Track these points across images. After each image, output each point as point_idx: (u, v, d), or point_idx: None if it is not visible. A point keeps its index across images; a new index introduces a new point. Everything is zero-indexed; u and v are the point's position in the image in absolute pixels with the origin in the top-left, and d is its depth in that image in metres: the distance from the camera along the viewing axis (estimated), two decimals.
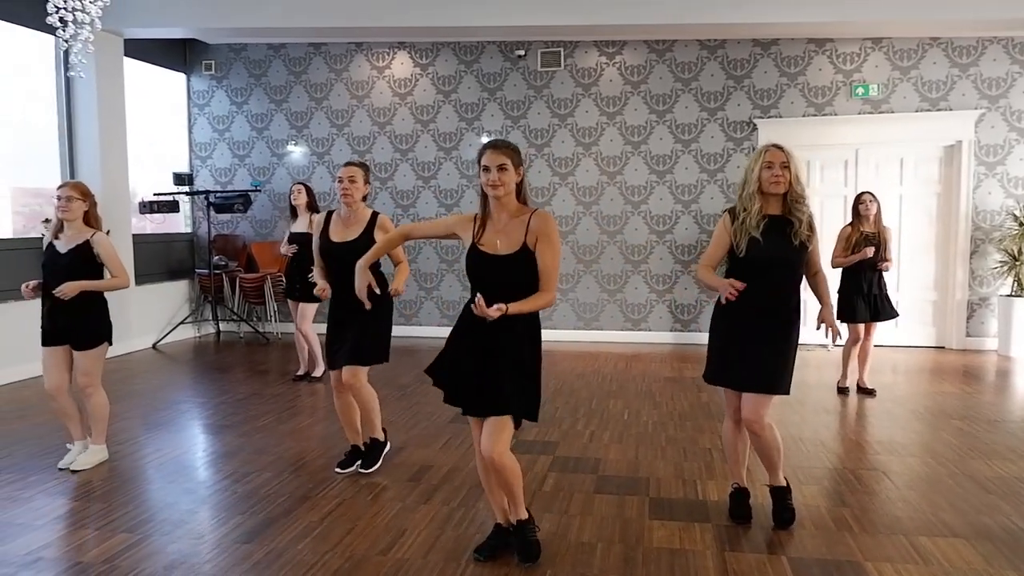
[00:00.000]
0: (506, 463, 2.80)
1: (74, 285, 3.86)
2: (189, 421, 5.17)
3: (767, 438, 3.26)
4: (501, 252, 2.77)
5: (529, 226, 2.77)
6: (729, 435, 3.43)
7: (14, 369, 6.13)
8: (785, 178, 3.11)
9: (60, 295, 3.83)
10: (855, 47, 7.47)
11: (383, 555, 3.04)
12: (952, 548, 3.07)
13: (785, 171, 3.11)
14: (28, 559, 3.01)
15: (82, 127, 7.24)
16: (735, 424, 3.38)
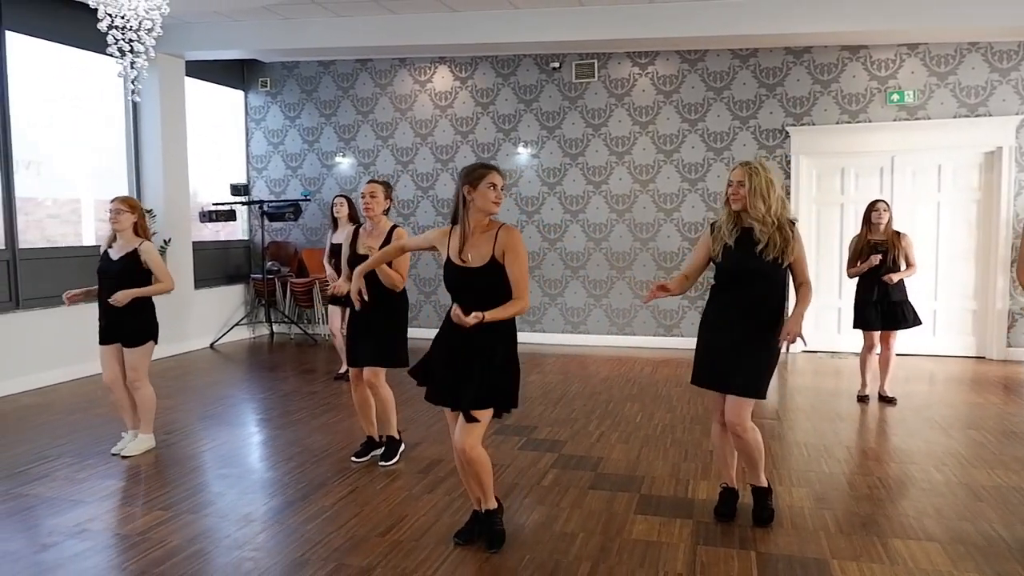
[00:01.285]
0: (474, 456, 3.03)
1: (126, 293, 4.32)
2: (233, 414, 5.61)
3: (748, 440, 3.41)
4: (473, 265, 3.02)
5: (497, 239, 3.01)
6: (716, 437, 3.60)
7: (83, 366, 6.71)
8: (740, 195, 3.26)
9: (114, 303, 4.30)
10: (890, 53, 7.42)
11: (381, 536, 3.34)
12: (923, 551, 3.16)
13: (741, 188, 3.26)
14: (75, 530, 3.44)
15: (147, 143, 7.86)
16: (721, 427, 3.53)
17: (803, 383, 6.55)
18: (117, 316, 4.39)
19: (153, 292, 4.46)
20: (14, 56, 6.51)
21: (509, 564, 3.06)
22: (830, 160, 7.65)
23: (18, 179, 6.59)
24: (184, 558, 3.14)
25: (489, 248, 3.00)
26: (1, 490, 3.94)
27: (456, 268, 3.06)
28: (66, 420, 5.35)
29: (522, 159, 8.48)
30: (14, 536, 3.37)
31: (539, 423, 5.20)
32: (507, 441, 4.76)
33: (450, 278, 3.09)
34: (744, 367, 3.32)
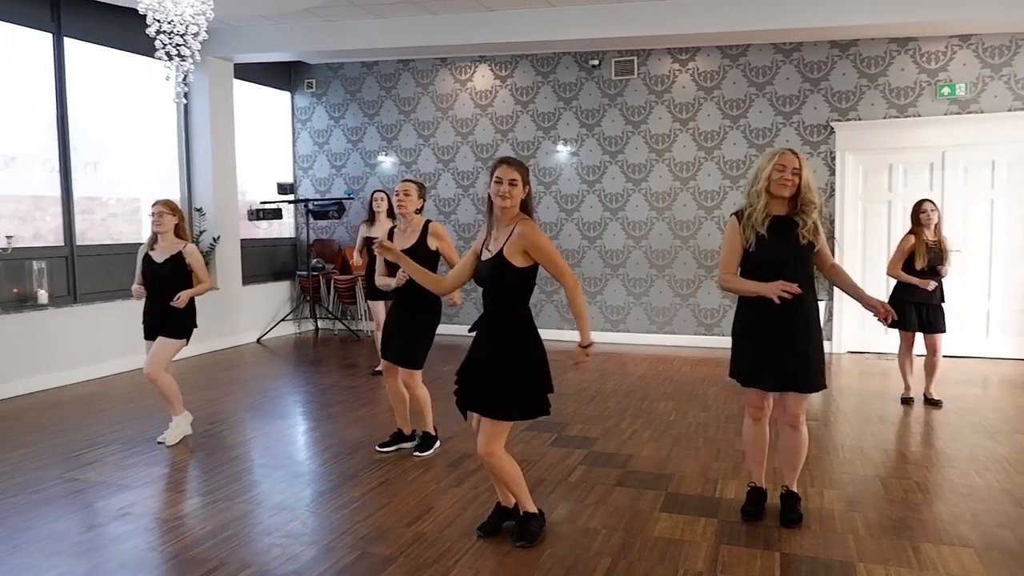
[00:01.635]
0: (495, 462, 3.07)
1: (185, 295, 4.52)
2: (274, 406, 5.77)
3: (803, 433, 3.39)
4: (489, 256, 3.08)
5: (512, 233, 3.04)
6: (750, 435, 3.54)
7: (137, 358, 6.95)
8: (794, 183, 3.22)
9: (176, 305, 4.49)
10: (940, 45, 7.18)
11: (406, 527, 3.41)
12: (955, 556, 3.08)
13: (796, 176, 3.22)
14: (119, 513, 3.60)
15: (197, 144, 8.13)
16: (756, 424, 3.49)
17: (847, 384, 6.41)
18: (160, 314, 4.57)
19: (199, 292, 4.63)
20: (74, 62, 6.82)
21: (529, 557, 3.09)
22: (877, 156, 7.45)
23: (83, 180, 6.91)
24: (217, 542, 3.27)
25: (503, 241, 3.04)
26: (55, 474, 4.14)
27: (479, 261, 3.11)
28: (119, 409, 5.58)
29: (561, 157, 8.49)
30: (63, 517, 3.55)
31: (571, 420, 5.21)
32: (538, 437, 4.79)
33: (476, 270, 3.14)
34: (804, 362, 3.26)
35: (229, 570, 3.01)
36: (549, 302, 8.63)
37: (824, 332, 7.37)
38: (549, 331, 8.55)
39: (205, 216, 8.10)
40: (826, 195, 7.60)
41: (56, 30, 6.66)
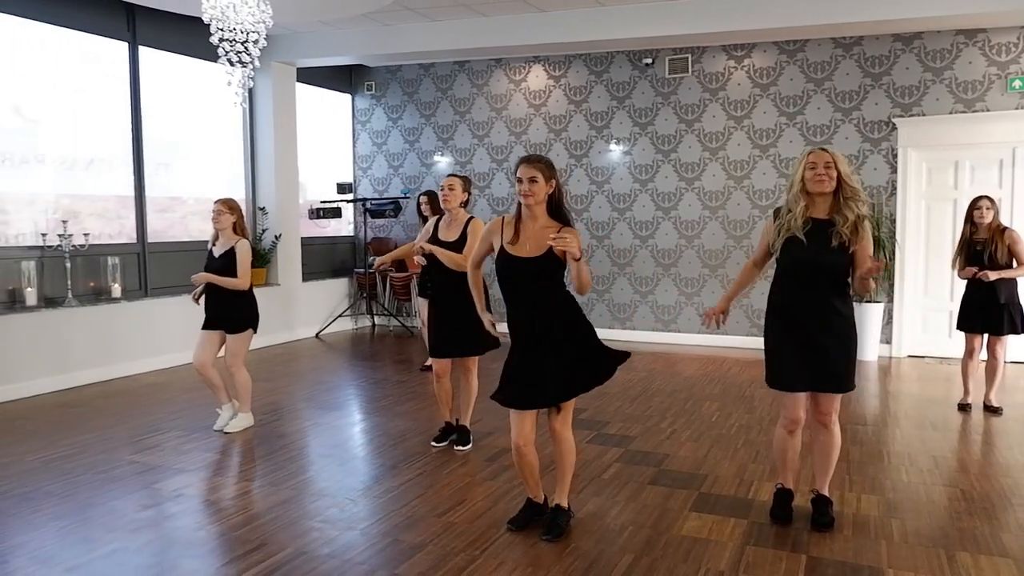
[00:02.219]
0: (571, 441, 3.33)
1: (202, 276, 4.75)
2: (327, 399, 5.99)
3: (835, 433, 3.39)
4: (529, 255, 3.13)
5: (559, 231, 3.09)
6: (781, 440, 3.50)
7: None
8: (830, 176, 3.17)
9: (194, 280, 4.75)
10: (1012, 36, 6.86)
11: (438, 517, 3.52)
12: (991, 566, 2.99)
13: (829, 170, 3.17)
14: (173, 495, 3.83)
15: (261, 146, 8.48)
16: (791, 436, 3.44)
17: (904, 388, 6.21)
18: (219, 306, 4.82)
19: (225, 284, 4.76)
20: (148, 69, 7.22)
21: (553, 551, 3.16)
22: (942, 153, 7.17)
23: (157, 180, 7.32)
24: (259, 524, 3.45)
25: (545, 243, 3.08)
26: (119, 456, 4.43)
27: (510, 257, 3.16)
28: (181, 398, 5.90)
29: (614, 156, 8.48)
30: (122, 496, 3.80)
31: (613, 418, 5.24)
32: (577, 435, 4.71)
33: (502, 266, 3.20)
34: (837, 364, 3.25)
35: (269, 550, 3.18)
36: (600, 301, 8.64)
37: (883, 335, 7.28)
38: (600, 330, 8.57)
39: (267, 215, 8.44)
40: (887, 193, 7.36)
41: (132, 39, 7.07)
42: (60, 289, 6.38)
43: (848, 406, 5.51)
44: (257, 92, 8.45)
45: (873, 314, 7.25)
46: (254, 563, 3.07)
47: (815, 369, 3.24)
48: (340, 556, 3.12)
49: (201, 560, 3.13)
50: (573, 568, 3.01)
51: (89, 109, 6.85)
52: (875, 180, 7.40)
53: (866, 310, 7.24)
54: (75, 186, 6.82)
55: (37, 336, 6.01)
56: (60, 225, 6.35)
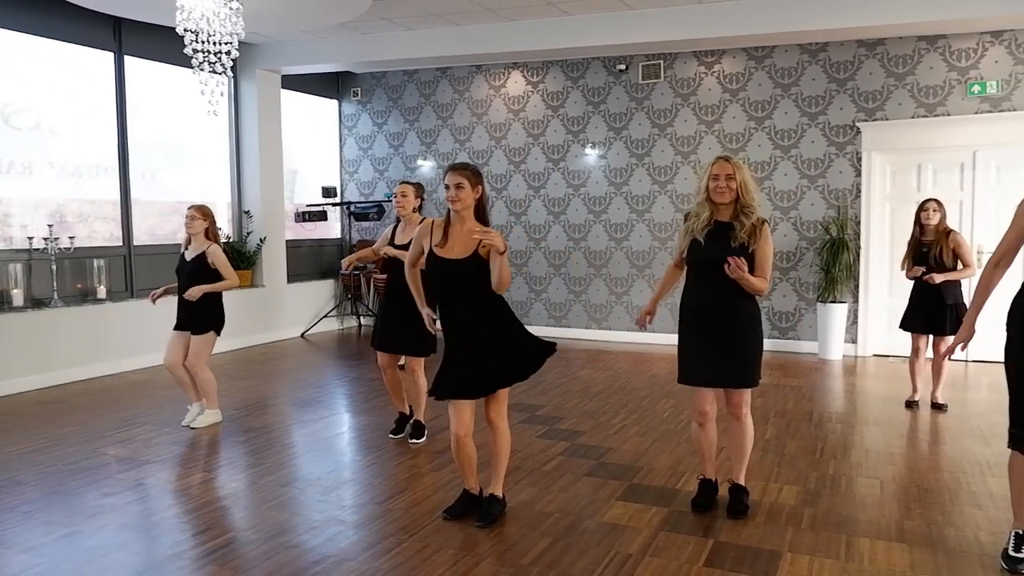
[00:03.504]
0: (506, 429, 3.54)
1: (199, 289, 4.96)
2: (297, 396, 6.21)
3: (747, 424, 3.58)
4: (457, 257, 3.34)
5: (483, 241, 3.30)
6: (695, 433, 3.70)
7: None
8: (730, 187, 3.37)
9: (188, 298, 4.96)
10: (972, 42, 7.01)
11: (378, 504, 3.74)
12: (886, 551, 3.16)
13: (730, 181, 3.37)
14: (134, 484, 4.07)
15: (246, 151, 8.73)
16: (702, 428, 3.64)
17: (861, 386, 6.37)
18: (188, 309, 5.06)
19: (221, 288, 5.07)
20: (133, 78, 7.48)
21: (477, 535, 3.36)
22: (905, 156, 7.32)
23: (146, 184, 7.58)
24: (208, 511, 3.68)
25: (474, 244, 3.30)
26: (90, 449, 4.67)
27: (439, 259, 3.37)
28: (160, 395, 6.14)
29: (590, 160, 8.67)
30: (87, 485, 4.04)
31: (568, 415, 5.43)
32: (529, 429, 5.04)
33: (432, 267, 3.41)
34: (737, 359, 3.44)
35: (213, 533, 3.41)
36: (577, 302, 8.83)
37: (848, 335, 7.43)
38: (577, 330, 8.78)
39: (252, 218, 8.69)
40: (852, 196, 7.52)
41: (118, 49, 7.33)
42: (47, 290, 6.65)
43: (798, 403, 5.68)
44: (242, 99, 8.71)
45: (838, 314, 7.41)
46: (196, 545, 3.29)
47: (718, 366, 3.43)
48: (276, 539, 3.34)
49: (149, 543, 3.35)
50: (491, 551, 3.21)
51: (77, 117, 7.11)
52: (840, 183, 7.56)
53: (831, 310, 7.41)
54: (65, 191, 7.08)
55: (23, 335, 6.27)
56: (49, 229, 6.62)
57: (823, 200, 7.64)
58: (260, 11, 6.43)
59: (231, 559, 3.16)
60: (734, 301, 3.41)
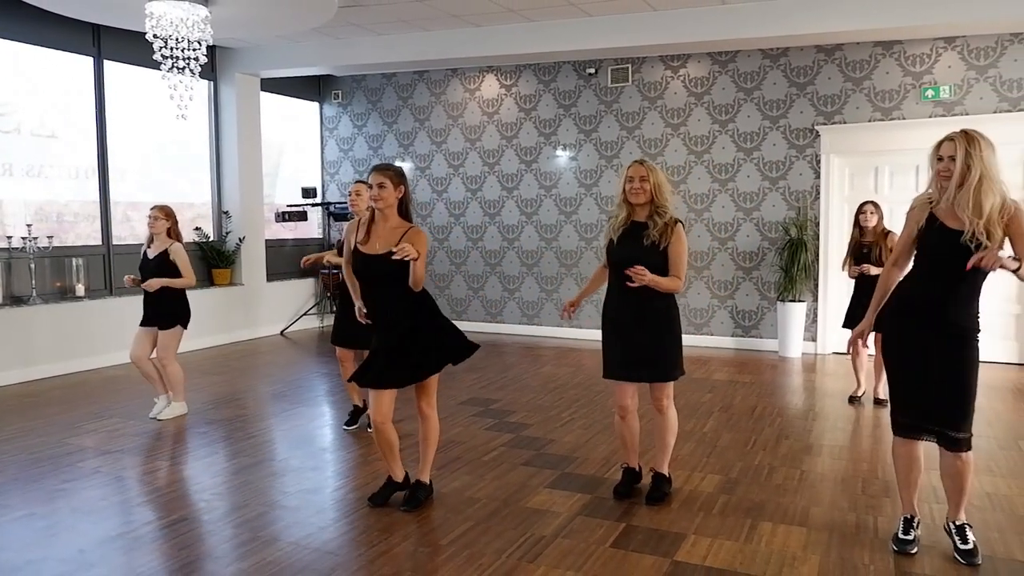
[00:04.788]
0: (435, 419, 3.68)
1: (155, 282, 5.18)
2: (266, 391, 6.42)
3: (670, 416, 3.77)
4: (378, 252, 3.54)
5: (404, 238, 3.50)
6: (616, 425, 3.90)
7: None
8: (644, 189, 3.57)
9: (146, 287, 5.18)
10: (926, 48, 7.18)
11: (318, 491, 3.95)
12: (785, 534, 3.36)
13: (644, 183, 3.57)
14: (92, 471, 4.28)
15: (226, 153, 8.95)
16: (623, 421, 3.83)
17: (812, 383, 6.56)
18: (154, 305, 5.27)
19: (177, 284, 5.26)
20: (113, 81, 7.70)
21: (403, 519, 3.56)
22: (863, 159, 7.50)
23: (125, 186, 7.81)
24: (162, 495, 3.91)
25: (395, 241, 3.48)
26: (55, 439, 4.89)
27: (362, 254, 3.56)
28: (132, 390, 6.35)
29: (561, 162, 8.87)
30: (48, 473, 4.25)
31: (520, 409, 5.63)
32: (479, 421, 5.24)
33: (356, 262, 3.60)
34: (659, 356, 3.63)
35: (160, 515, 3.62)
36: (549, 300, 9.03)
37: (808, 334, 7.61)
38: (549, 328, 8.97)
39: (231, 218, 8.91)
40: (812, 197, 7.70)
41: (97, 54, 7.56)
42: (26, 288, 6.87)
43: (745, 399, 5.87)
44: (222, 102, 8.93)
45: (797, 313, 7.59)
46: (139, 526, 3.51)
47: (634, 360, 3.62)
48: (215, 521, 3.55)
49: (97, 523, 3.56)
50: (414, 532, 3.41)
51: (58, 120, 7.34)
52: (800, 185, 7.74)
53: (790, 309, 7.59)
54: (47, 192, 7.31)
55: (1, 332, 6.50)
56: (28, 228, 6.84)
57: (784, 201, 7.82)
58: (232, 17, 6.64)
59: (172, 538, 3.37)
60: (648, 300, 3.60)
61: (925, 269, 3.10)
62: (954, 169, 2.93)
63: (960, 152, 2.91)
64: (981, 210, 2.88)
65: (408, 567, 3.08)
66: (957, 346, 3.03)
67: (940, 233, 3.00)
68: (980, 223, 2.87)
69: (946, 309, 3.00)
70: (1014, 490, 3.90)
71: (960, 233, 2.92)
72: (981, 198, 2.89)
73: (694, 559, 3.12)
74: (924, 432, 3.09)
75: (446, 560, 3.13)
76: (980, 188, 2.89)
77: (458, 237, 9.53)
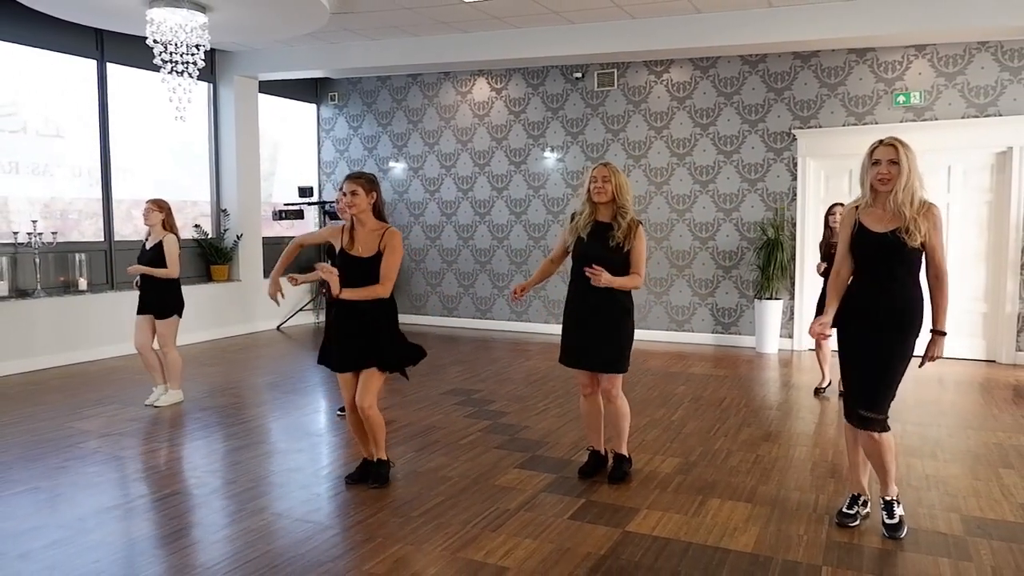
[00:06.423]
0: (372, 413, 3.80)
1: (136, 268, 5.48)
2: (265, 381, 6.70)
3: (618, 406, 4.02)
4: (363, 255, 3.81)
5: (382, 239, 3.78)
6: (583, 409, 4.16)
7: None
8: (606, 190, 3.84)
9: (129, 271, 5.48)
10: (897, 55, 7.45)
11: (304, 470, 4.23)
12: (731, 509, 3.63)
13: (607, 183, 3.84)
14: (91, 452, 4.56)
15: (224, 153, 9.24)
16: (586, 399, 4.11)
17: (783, 377, 6.83)
18: (150, 294, 5.56)
19: (157, 274, 5.48)
20: (115, 83, 7.99)
21: (381, 494, 3.84)
22: (837, 161, 7.77)
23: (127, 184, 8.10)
24: (155, 472, 4.19)
25: (375, 244, 3.76)
26: (58, 423, 5.17)
27: (348, 257, 3.84)
28: (131, 380, 6.64)
29: (549, 163, 9.14)
30: (49, 452, 4.53)
31: (500, 398, 5.90)
32: (459, 409, 5.52)
33: (342, 264, 3.87)
34: (609, 348, 3.90)
35: (153, 490, 3.90)
36: (536, 298, 9.30)
37: (785, 331, 7.87)
38: (536, 324, 9.25)
39: (229, 216, 9.20)
40: (789, 199, 7.97)
41: (100, 57, 7.85)
42: (31, 282, 7.16)
43: (716, 391, 6.14)
44: (221, 103, 9.21)
45: (774, 310, 7.86)
46: (135, 498, 3.80)
47: (584, 351, 3.90)
48: (206, 495, 3.83)
49: (95, 496, 3.84)
50: (388, 506, 3.69)
51: (63, 120, 7.63)
52: (778, 187, 8.01)
53: (767, 306, 7.86)
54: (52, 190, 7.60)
55: (6, 323, 6.78)
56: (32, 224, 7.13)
57: (762, 203, 8.09)
58: (229, 23, 6.93)
59: (165, 509, 3.65)
60: (607, 295, 3.87)
61: (861, 270, 3.34)
62: (895, 173, 3.18)
63: (901, 156, 3.17)
64: (912, 208, 3.15)
65: (381, 534, 3.35)
66: (889, 338, 3.26)
67: (866, 237, 3.25)
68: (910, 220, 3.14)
69: (879, 305, 3.24)
70: (951, 472, 4.16)
71: (883, 235, 3.18)
72: (913, 197, 3.17)
73: (643, 529, 3.40)
74: (850, 414, 3.35)
75: (415, 528, 3.41)
76: (913, 188, 3.17)
77: (450, 236, 9.81)
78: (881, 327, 3.27)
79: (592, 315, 3.89)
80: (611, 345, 3.89)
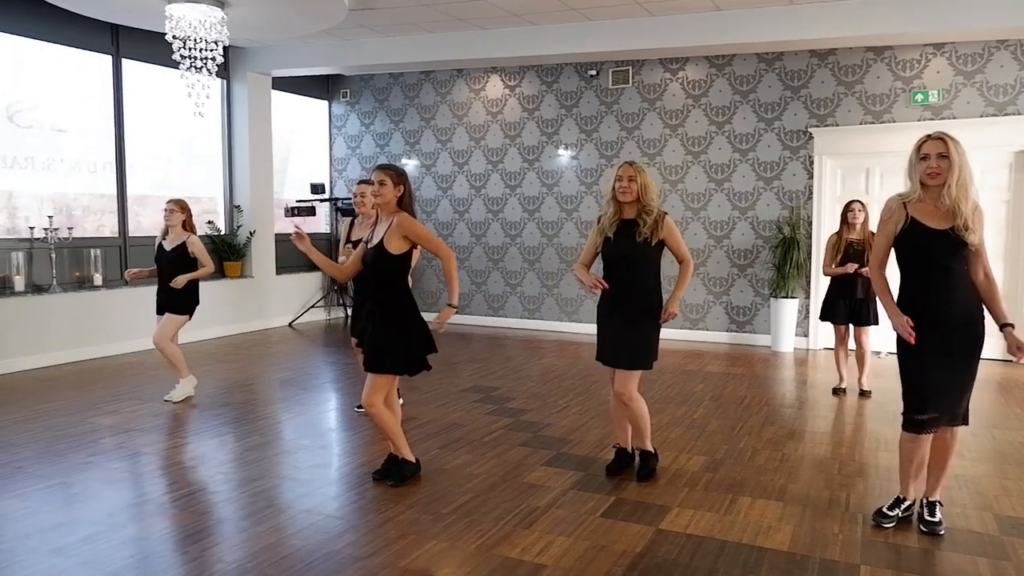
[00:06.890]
0: (375, 412, 3.77)
1: (182, 279, 5.45)
2: (280, 377, 6.69)
3: (633, 408, 3.98)
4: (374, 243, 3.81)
5: (391, 225, 3.76)
6: (612, 405, 4.16)
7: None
8: (632, 189, 3.82)
9: (174, 286, 5.45)
10: (915, 53, 7.42)
11: (329, 466, 4.22)
12: (763, 508, 3.61)
13: (632, 183, 3.82)
14: (114, 447, 4.55)
15: (237, 149, 9.22)
16: (616, 396, 4.10)
17: (801, 376, 6.81)
18: (167, 293, 5.55)
19: (199, 276, 5.55)
20: (133, 78, 7.98)
21: (410, 489, 3.82)
22: (854, 160, 7.75)
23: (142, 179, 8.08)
24: (179, 469, 4.18)
25: (383, 231, 3.76)
26: (78, 418, 5.16)
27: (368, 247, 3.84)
28: (150, 375, 6.63)
29: (563, 161, 9.12)
30: (74, 448, 4.52)
31: (519, 396, 5.89)
32: (480, 407, 5.50)
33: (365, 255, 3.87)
34: (630, 345, 3.88)
35: (178, 486, 3.89)
36: (549, 295, 9.28)
37: (800, 329, 7.85)
38: (550, 322, 9.25)
39: (242, 212, 9.18)
40: (805, 197, 7.95)
41: (115, 52, 7.83)
42: (46, 277, 7.15)
43: (735, 389, 6.12)
44: (234, 100, 9.20)
45: (789, 309, 7.84)
46: (162, 494, 3.78)
47: (611, 348, 3.89)
48: (234, 491, 3.82)
49: (122, 492, 3.83)
50: (418, 502, 3.67)
51: (79, 115, 7.62)
52: (794, 185, 7.99)
53: (783, 305, 7.84)
54: (68, 185, 7.59)
55: (22, 319, 6.78)
56: (49, 220, 7.12)
57: (778, 201, 8.06)
58: (246, 19, 6.91)
59: (194, 505, 3.64)
60: (638, 294, 3.86)
61: (913, 267, 3.25)
62: (945, 167, 3.14)
63: (951, 150, 3.14)
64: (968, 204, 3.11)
65: (413, 531, 3.34)
66: (966, 338, 3.23)
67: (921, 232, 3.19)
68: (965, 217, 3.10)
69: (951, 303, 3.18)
70: (980, 472, 4.15)
71: (943, 232, 3.13)
72: (967, 192, 3.13)
73: (677, 527, 3.38)
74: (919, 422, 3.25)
75: (448, 525, 3.39)
76: (965, 183, 3.14)
77: (462, 233, 9.79)
78: (955, 327, 3.21)
79: (622, 314, 3.87)
80: (633, 343, 3.86)
